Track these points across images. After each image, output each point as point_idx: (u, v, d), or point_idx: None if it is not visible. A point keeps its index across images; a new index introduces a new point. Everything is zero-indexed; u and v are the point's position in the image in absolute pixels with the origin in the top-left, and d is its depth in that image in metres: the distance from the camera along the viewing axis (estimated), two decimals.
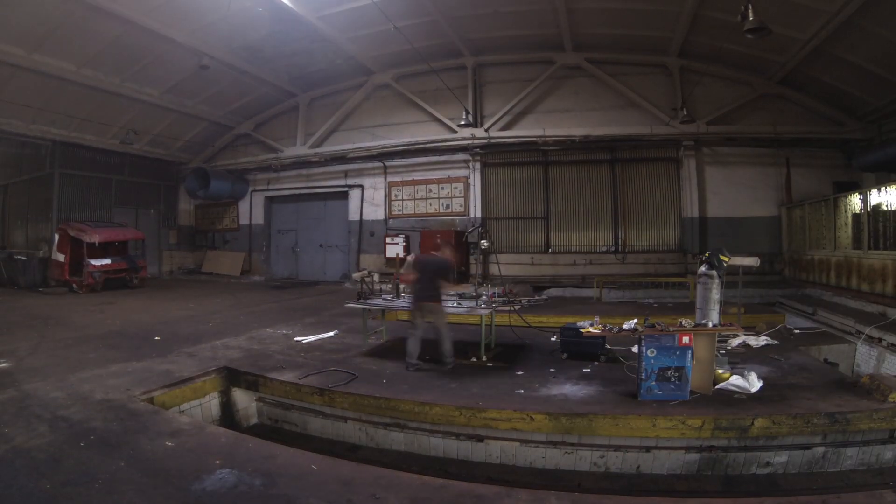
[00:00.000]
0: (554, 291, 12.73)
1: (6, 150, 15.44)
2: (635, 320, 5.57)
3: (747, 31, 8.20)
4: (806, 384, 5.33)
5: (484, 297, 7.14)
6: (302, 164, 16.10)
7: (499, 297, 7.40)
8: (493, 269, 12.76)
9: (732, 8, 8.63)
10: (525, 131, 13.82)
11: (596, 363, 6.27)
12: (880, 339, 7.18)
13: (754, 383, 5.07)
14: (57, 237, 13.65)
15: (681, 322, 5.35)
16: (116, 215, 16.20)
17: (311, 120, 16.11)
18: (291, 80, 15.19)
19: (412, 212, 15.02)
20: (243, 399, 5.97)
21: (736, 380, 5.15)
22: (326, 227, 16.77)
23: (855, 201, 9.66)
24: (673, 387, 4.88)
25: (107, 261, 13.72)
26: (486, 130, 13.90)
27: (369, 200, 15.59)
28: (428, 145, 14.41)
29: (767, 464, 4.52)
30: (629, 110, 13.32)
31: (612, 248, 13.57)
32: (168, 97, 14.28)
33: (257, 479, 3.36)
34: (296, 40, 12.56)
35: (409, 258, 8.31)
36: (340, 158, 15.49)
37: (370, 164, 15.28)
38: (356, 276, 7.92)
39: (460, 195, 14.48)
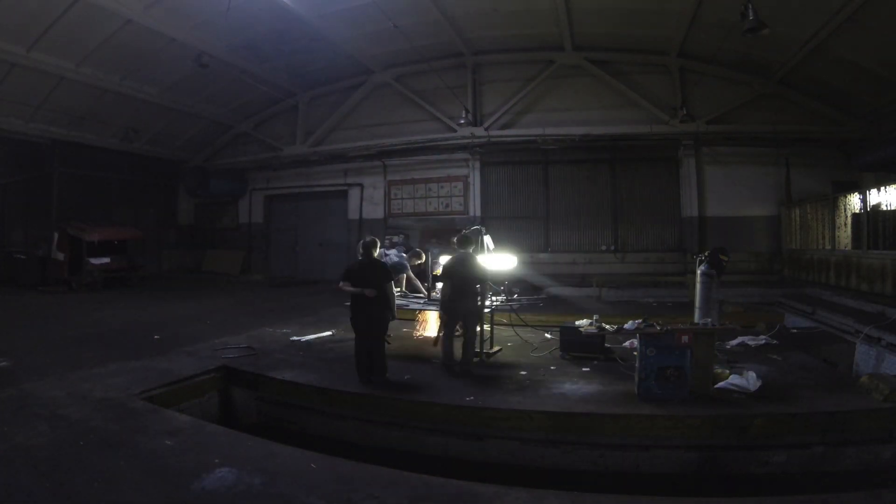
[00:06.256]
0: (553, 291, 12.73)
1: (5, 150, 15.40)
2: (637, 321, 5.56)
3: (746, 30, 8.20)
4: (805, 383, 5.34)
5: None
6: (301, 162, 16.06)
7: (498, 296, 7.40)
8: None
9: (732, 7, 8.62)
10: (525, 130, 13.79)
11: (595, 362, 6.27)
12: (879, 339, 7.16)
13: (753, 382, 5.07)
14: (56, 236, 13.60)
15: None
16: (116, 214, 16.16)
17: (310, 119, 16.07)
18: (291, 79, 15.15)
19: (412, 210, 15.02)
20: (242, 398, 5.97)
21: (735, 379, 5.15)
22: (326, 225, 16.73)
23: (854, 201, 9.66)
24: (672, 386, 4.89)
25: (106, 260, 13.70)
26: (486, 129, 13.88)
27: (369, 199, 15.57)
28: (427, 144, 14.38)
29: (766, 463, 4.52)
30: (629, 109, 13.28)
31: (612, 248, 13.56)
32: (167, 96, 14.25)
33: (256, 477, 3.36)
34: (296, 39, 12.52)
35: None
36: (340, 157, 15.47)
37: (370, 163, 15.26)
38: None
39: (460, 194, 14.46)
